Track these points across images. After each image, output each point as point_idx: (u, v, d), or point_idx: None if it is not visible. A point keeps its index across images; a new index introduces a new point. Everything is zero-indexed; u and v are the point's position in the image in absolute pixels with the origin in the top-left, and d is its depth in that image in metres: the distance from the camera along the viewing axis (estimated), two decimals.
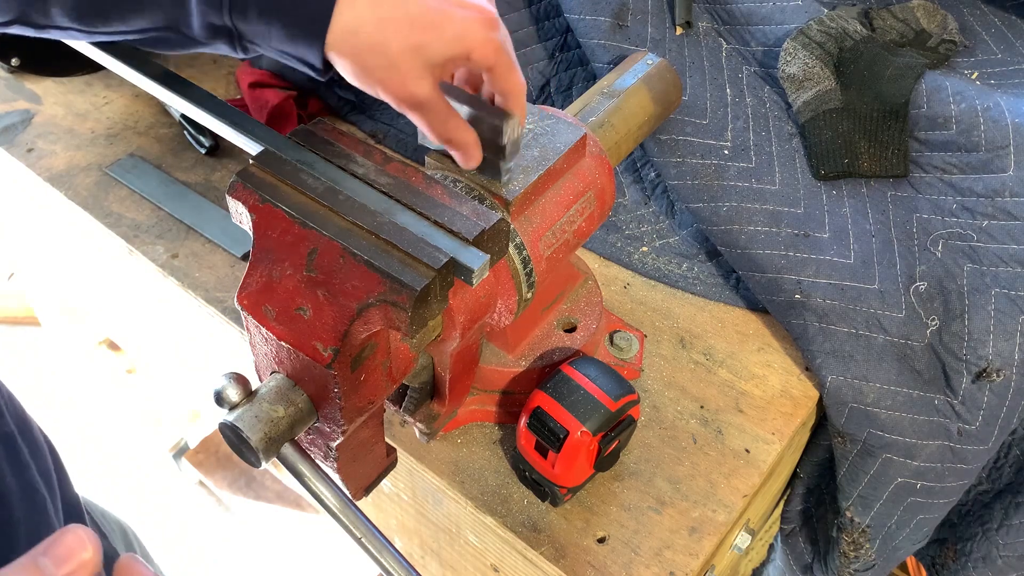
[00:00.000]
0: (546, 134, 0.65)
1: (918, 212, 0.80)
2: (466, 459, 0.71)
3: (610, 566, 0.65)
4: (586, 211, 0.67)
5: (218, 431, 0.63)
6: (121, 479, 1.79)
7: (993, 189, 0.76)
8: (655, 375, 0.78)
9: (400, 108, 0.55)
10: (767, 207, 0.81)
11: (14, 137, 1.00)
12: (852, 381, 0.75)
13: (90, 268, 1.10)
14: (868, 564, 0.86)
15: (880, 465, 0.77)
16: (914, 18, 0.89)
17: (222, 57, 1.07)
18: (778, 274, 0.78)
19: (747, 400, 0.76)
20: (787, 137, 0.84)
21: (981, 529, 0.87)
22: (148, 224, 0.91)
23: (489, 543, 0.72)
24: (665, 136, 0.84)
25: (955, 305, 0.76)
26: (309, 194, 0.53)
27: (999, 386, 0.74)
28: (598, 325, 0.74)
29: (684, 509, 0.68)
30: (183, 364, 1.13)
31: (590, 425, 0.62)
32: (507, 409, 0.72)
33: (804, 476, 0.89)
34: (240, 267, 0.86)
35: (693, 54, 0.87)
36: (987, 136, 0.77)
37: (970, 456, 0.77)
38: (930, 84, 0.80)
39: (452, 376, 0.64)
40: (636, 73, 0.78)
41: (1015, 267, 0.75)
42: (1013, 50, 0.91)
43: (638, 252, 0.88)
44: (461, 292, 0.56)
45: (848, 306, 0.76)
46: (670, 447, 0.72)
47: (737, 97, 0.85)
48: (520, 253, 0.62)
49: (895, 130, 0.81)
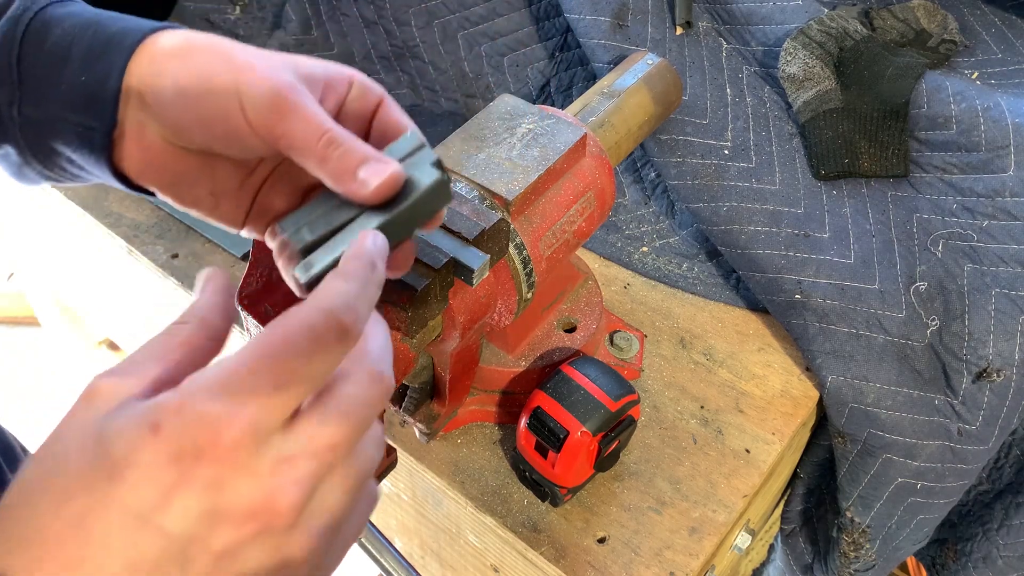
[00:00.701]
0: (546, 134, 0.65)
1: (918, 212, 0.80)
2: (466, 459, 0.71)
3: (610, 566, 0.65)
4: (586, 211, 0.67)
5: None
6: None
7: (993, 189, 0.76)
8: (655, 375, 0.77)
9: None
10: (767, 207, 0.81)
11: None
12: (852, 381, 0.75)
13: (90, 268, 1.10)
14: (868, 564, 0.86)
15: (880, 465, 0.77)
16: (914, 18, 0.89)
17: None
18: (778, 274, 0.78)
19: (747, 400, 0.76)
20: (787, 137, 0.84)
21: (981, 529, 0.87)
22: (148, 224, 0.91)
23: (489, 543, 0.72)
24: (665, 136, 0.84)
25: (955, 305, 0.76)
26: None
27: (999, 386, 0.74)
28: (598, 325, 0.74)
29: (684, 509, 0.68)
30: None
31: (590, 425, 0.62)
32: (507, 409, 0.72)
33: (804, 476, 0.89)
34: (240, 267, 0.86)
35: (693, 54, 0.87)
36: (987, 136, 0.77)
37: (970, 456, 0.77)
38: (930, 84, 0.80)
39: (452, 376, 0.63)
40: (636, 73, 0.78)
41: (1015, 267, 0.75)
42: (1013, 50, 0.91)
43: (638, 252, 0.88)
44: (461, 292, 0.56)
45: (848, 306, 0.76)
46: (670, 447, 0.72)
47: (737, 97, 0.85)
48: (520, 253, 0.62)
49: (895, 130, 0.81)
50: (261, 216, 0.48)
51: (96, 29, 0.44)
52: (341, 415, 0.32)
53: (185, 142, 0.44)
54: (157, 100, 0.43)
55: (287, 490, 0.31)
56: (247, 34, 1.06)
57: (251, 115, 0.41)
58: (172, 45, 0.43)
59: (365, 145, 0.41)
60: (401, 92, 1.01)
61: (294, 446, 0.31)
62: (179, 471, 0.29)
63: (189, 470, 0.29)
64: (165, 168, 0.45)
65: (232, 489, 0.30)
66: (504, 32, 0.98)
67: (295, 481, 0.31)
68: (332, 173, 0.40)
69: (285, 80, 0.41)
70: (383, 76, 1.01)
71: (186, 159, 0.45)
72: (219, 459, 0.30)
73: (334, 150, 0.40)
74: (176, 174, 0.45)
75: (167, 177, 0.45)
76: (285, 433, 0.31)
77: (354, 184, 0.39)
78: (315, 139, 0.40)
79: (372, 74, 1.02)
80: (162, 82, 0.42)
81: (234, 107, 0.41)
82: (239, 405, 0.30)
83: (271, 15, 1.05)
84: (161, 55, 0.43)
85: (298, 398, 0.31)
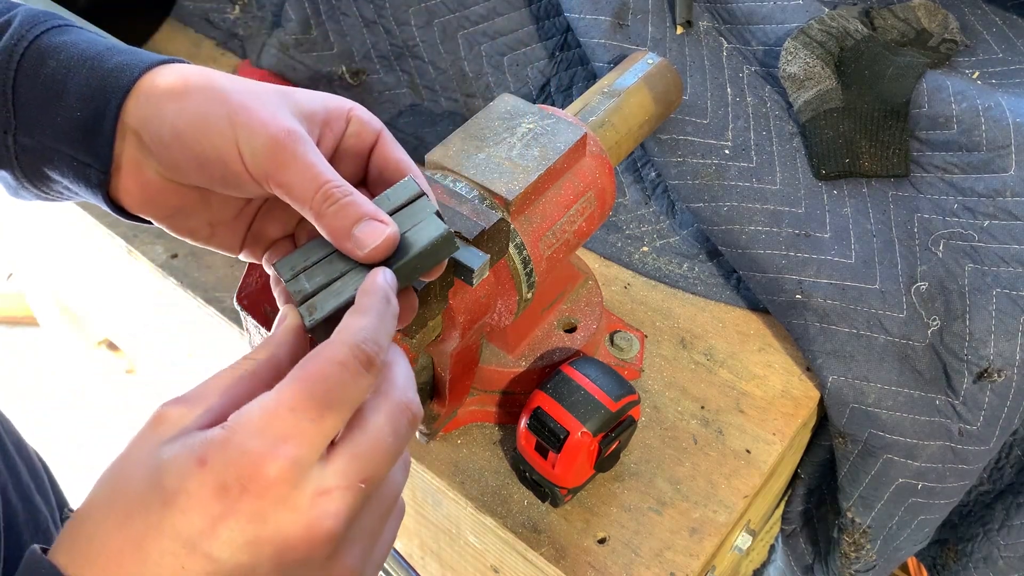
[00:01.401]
0: (546, 134, 0.64)
1: (919, 212, 0.79)
2: (466, 460, 0.71)
3: (610, 567, 0.65)
4: (586, 211, 0.67)
5: None
6: None
7: (994, 189, 0.76)
8: (655, 375, 0.77)
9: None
10: (768, 207, 0.81)
11: None
12: (853, 381, 0.75)
13: (89, 268, 1.10)
14: (869, 565, 0.86)
15: (881, 465, 0.77)
16: (915, 17, 0.89)
17: (220, 56, 1.07)
18: (779, 274, 0.78)
19: (748, 400, 0.76)
20: (788, 137, 0.84)
21: (982, 530, 0.87)
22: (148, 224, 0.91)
23: (489, 544, 0.71)
24: (665, 136, 0.83)
25: (956, 305, 0.76)
26: None
27: (1000, 386, 0.74)
28: (598, 325, 0.74)
29: (685, 510, 0.68)
30: (182, 364, 1.13)
31: (590, 425, 0.62)
32: (507, 409, 0.72)
33: (805, 476, 0.89)
34: (240, 267, 0.86)
35: (694, 53, 0.87)
36: (988, 136, 0.77)
37: (971, 457, 0.76)
38: (931, 84, 0.80)
39: (452, 376, 0.63)
40: (636, 72, 0.77)
41: (1016, 267, 0.75)
42: (1014, 50, 0.91)
43: (638, 252, 0.87)
44: (461, 292, 0.56)
45: (849, 306, 0.76)
46: (671, 447, 0.72)
47: (738, 96, 0.85)
48: (520, 253, 0.62)
49: (896, 130, 0.80)
50: (257, 243, 0.48)
51: (92, 64, 0.44)
52: (373, 447, 0.35)
53: (183, 180, 0.44)
54: (154, 141, 0.43)
55: (325, 521, 0.33)
56: (246, 33, 1.05)
57: (249, 163, 0.41)
58: (168, 85, 0.43)
59: (363, 200, 0.41)
60: (401, 91, 1.01)
61: (331, 479, 0.33)
62: (225, 503, 0.32)
63: (234, 502, 0.32)
64: (162, 202, 0.45)
65: (274, 521, 0.32)
66: (504, 32, 0.98)
67: (333, 513, 0.33)
68: (328, 229, 0.40)
69: (283, 127, 0.41)
70: (383, 75, 1.01)
71: (183, 194, 0.45)
72: (262, 493, 0.32)
73: (329, 206, 0.40)
74: (173, 207, 0.46)
75: (164, 210, 0.46)
76: (323, 467, 0.33)
77: (349, 243, 0.40)
78: (312, 192, 0.40)
79: (372, 73, 1.01)
80: (159, 124, 0.42)
81: (231, 153, 0.41)
82: (280, 442, 0.32)
83: (270, 14, 1.05)
84: (157, 96, 0.43)
85: (333, 430, 0.34)
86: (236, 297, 0.52)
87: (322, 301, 0.40)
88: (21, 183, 0.47)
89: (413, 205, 0.42)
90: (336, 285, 0.40)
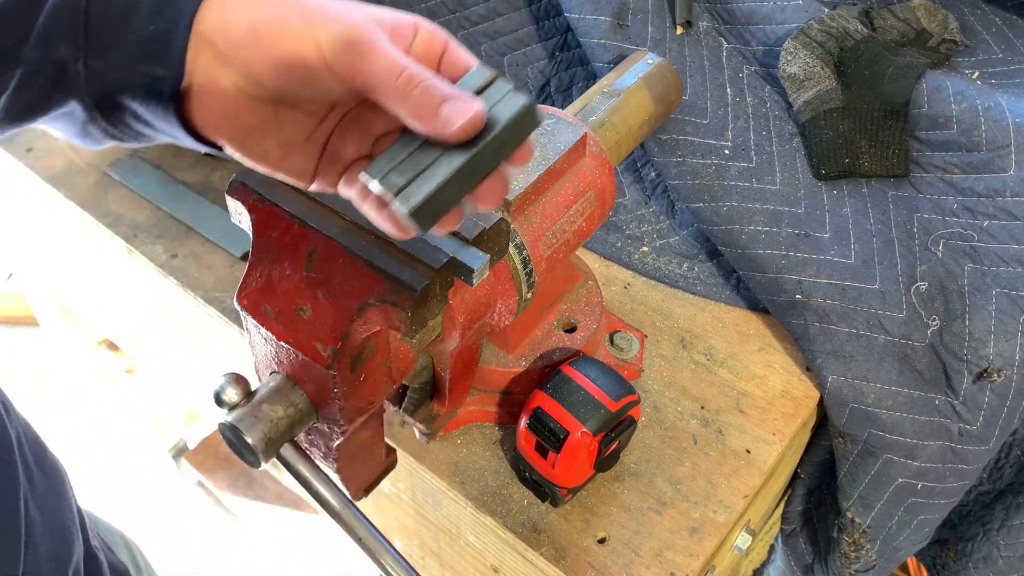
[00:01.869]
0: (546, 134, 0.64)
1: (919, 212, 0.79)
2: (466, 460, 0.71)
3: (610, 567, 0.65)
4: (586, 211, 0.67)
5: (217, 432, 0.63)
6: (121, 480, 1.79)
7: (994, 189, 0.76)
8: (655, 375, 0.77)
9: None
10: (768, 207, 0.81)
11: (14, 137, 1.00)
12: (853, 381, 0.75)
13: (89, 268, 1.10)
14: (869, 565, 0.86)
15: (881, 465, 0.77)
16: (915, 17, 0.89)
17: None
18: (779, 274, 0.78)
19: (748, 400, 0.76)
20: (788, 137, 0.84)
21: (982, 529, 0.87)
22: (147, 224, 0.91)
23: (489, 544, 0.71)
24: (665, 136, 0.83)
25: (956, 305, 0.76)
26: (308, 194, 0.53)
27: (1000, 386, 0.74)
28: (598, 325, 0.74)
29: (684, 510, 0.68)
30: (182, 364, 1.13)
31: (590, 425, 0.62)
32: (507, 409, 0.72)
33: (805, 476, 0.89)
34: (239, 267, 0.86)
35: (693, 54, 0.87)
36: (988, 136, 0.77)
37: (971, 456, 0.76)
38: (931, 84, 0.80)
39: (452, 376, 0.63)
40: (636, 73, 0.77)
41: (1016, 267, 0.75)
42: (1014, 50, 0.91)
43: (638, 252, 0.87)
44: (461, 292, 0.56)
45: (849, 306, 0.76)
46: (671, 447, 0.72)
47: (738, 97, 0.85)
48: (520, 253, 0.62)
49: (896, 130, 0.81)
50: (332, 165, 0.47)
51: None
52: None
53: (259, 89, 0.43)
54: (231, 46, 0.42)
55: None
56: None
57: (329, 55, 0.41)
58: None
59: (445, 82, 0.40)
60: None
61: None
62: None
63: None
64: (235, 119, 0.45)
65: None
66: (504, 32, 0.98)
67: None
68: (413, 111, 0.40)
69: (360, 19, 0.41)
70: None
71: (256, 109, 0.44)
72: None
73: (414, 87, 0.40)
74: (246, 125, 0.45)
75: (236, 129, 0.45)
76: None
77: (437, 122, 0.39)
78: (394, 76, 0.40)
79: None
80: (235, 27, 0.42)
81: (310, 48, 0.41)
82: None
83: None
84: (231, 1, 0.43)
85: None
86: (236, 297, 0.52)
87: (417, 187, 0.39)
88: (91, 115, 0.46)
89: (491, 87, 0.42)
90: (428, 172, 0.40)
